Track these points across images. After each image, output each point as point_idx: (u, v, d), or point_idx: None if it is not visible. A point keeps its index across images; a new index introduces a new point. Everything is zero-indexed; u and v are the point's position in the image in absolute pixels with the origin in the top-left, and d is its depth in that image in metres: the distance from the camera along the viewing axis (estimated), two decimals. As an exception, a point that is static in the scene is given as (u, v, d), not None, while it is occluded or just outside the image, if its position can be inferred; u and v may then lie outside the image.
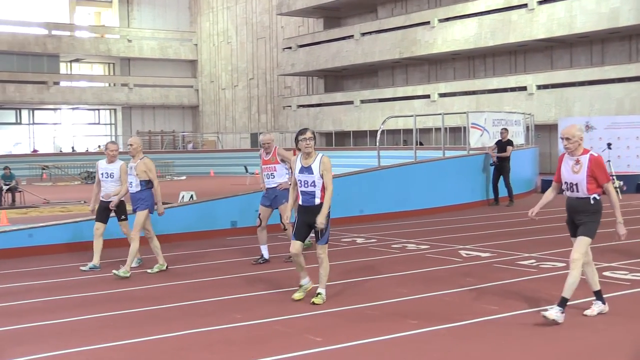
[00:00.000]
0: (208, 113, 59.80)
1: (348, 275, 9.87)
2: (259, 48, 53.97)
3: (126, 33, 58.09)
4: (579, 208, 7.22)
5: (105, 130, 60.47)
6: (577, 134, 7.18)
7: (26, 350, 6.55)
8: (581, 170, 7.14)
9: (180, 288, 9.35)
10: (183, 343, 6.72)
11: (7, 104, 53.55)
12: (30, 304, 8.65)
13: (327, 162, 8.06)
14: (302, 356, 6.22)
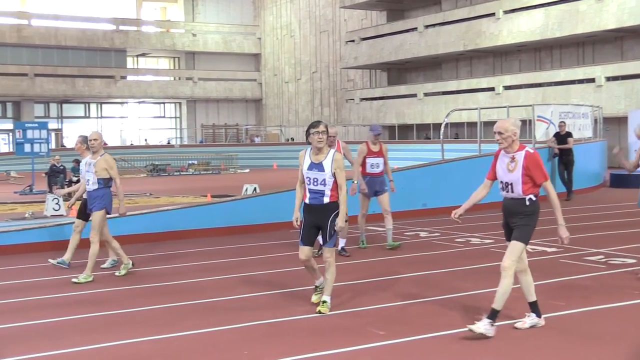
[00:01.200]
0: (271, 106, 60.16)
1: (411, 268, 9.81)
2: (322, 41, 54.01)
3: (191, 27, 58.82)
4: (514, 210, 6.57)
5: (170, 123, 61.38)
6: (510, 128, 6.48)
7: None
8: (516, 169, 6.49)
9: (233, 281, 9.42)
10: (242, 335, 6.78)
11: (76, 98, 54.83)
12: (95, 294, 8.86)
13: (340, 160, 7.43)
14: (365, 349, 6.19)
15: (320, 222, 7.46)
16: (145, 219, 13.31)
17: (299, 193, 7.67)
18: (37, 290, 9.13)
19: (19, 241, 12.16)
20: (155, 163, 42.08)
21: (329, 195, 7.40)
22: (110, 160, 9.82)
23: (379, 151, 11.27)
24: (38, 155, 28.64)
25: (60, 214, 17.61)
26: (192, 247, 12.35)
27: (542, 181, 6.50)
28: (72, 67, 53.72)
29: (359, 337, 6.53)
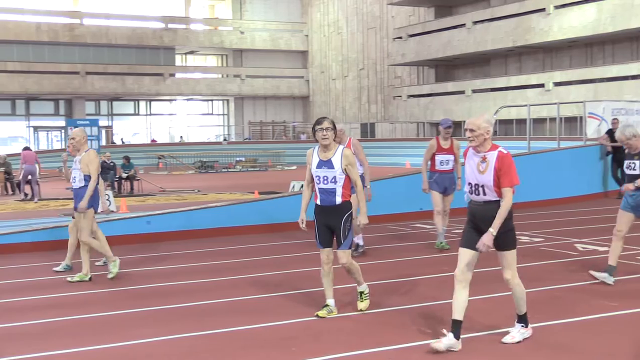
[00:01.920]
0: (318, 103, 60.21)
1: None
2: (369, 38, 53.85)
3: (239, 25, 59.16)
4: (487, 214, 6.04)
5: (218, 120, 61.85)
6: (483, 126, 6.00)
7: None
8: (487, 170, 6.01)
9: (293, 276, 9.43)
10: (290, 331, 6.78)
11: (126, 95, 55.58)
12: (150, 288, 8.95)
13: (350, 155, 7.08)
14: (416, 347, 6.16)
15: (332, 224, 7.13)
16: (190, 216, 13.40)
17: (306, 193, 7.35)
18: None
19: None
20: (203, 160, 42.49)
21: (341, 195, 7.06)
22: (92, 155, 9.50)
23: (449, 147, 11.02)
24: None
25: (111, 210, 17.85)
26: (236, 243, 12.41)
27: (505, 185, 5.95)
28: (122, 65, 54.45)
29: (412, 335, 6.50)
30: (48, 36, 51.94)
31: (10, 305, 8.27)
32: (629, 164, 8.58)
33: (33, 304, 8.34)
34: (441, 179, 11.06)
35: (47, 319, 7.49)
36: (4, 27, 50.41)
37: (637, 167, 8.47)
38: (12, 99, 53.56)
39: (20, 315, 7.71)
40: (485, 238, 6.01)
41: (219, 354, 6.20)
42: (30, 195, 23.42)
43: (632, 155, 8.56)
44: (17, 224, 14.96)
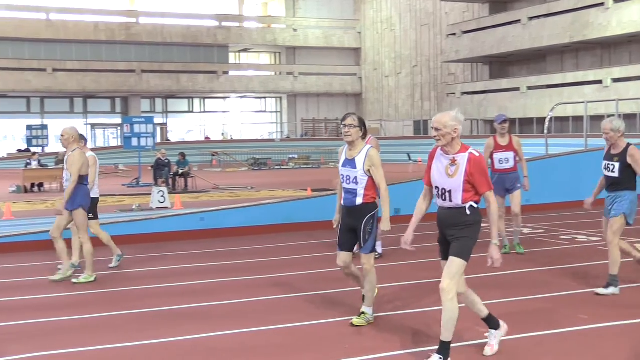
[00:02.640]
0: (371, 101, 60.05)
1: (514, 265, 9.58)
2: (422, 35, 53.50)
3: (292, 23, 59.34)
4: (451, 221, 5.55)
5: (271, 118, 62.13)
6: (450, 124, 5.46)
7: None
8: (457, 174, 5.49)
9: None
10: (338, 329, 6.76)
11: (180, 93, 56.22)
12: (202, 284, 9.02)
13: (375, 156, 6.69)
14: (473, 345, 6.10)
15: (355, 225, 6.79)
16: (244, 213, 13.48)
17: (340, 192, 6.99)
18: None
19: (127, 232, 12.52)
20: (256, 157, 42.73)
21: (362, 195, 6.71)
22: (75, 155, 9.20)
23: (507, 144, 10.36)
24: (144, 149, 29.43)
25: (165, 207, 18.08)
26: (290, 240, 12.42)
27: (485, 190, 5.49)
28: (177, 63, 55.09)
29: (469, 333, 6.41)
30: (105, 35, 52.85)
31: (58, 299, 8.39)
32: (607, 165, 7.96)
33: (79, 299, 8.41)
34: (501, 180, 10.38)
35: (107, 313, 7.60)
36: (64, 27, 51.47)
37: (616, 170, 7.84)
38: (70, 97, 54.66)
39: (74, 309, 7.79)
40: (492, 252, 5.54)
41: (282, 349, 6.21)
42: None
43: (611, 155, 7.92)
44: None
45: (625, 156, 7.77)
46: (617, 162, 7.81)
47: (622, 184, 7.84)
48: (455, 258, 5.47)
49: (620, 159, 7.80)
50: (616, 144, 7.86)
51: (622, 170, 7.79)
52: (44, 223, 14.30)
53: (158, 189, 19.14)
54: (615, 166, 7.83)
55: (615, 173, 7.84)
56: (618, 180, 7.85)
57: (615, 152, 7.87)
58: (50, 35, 51.21)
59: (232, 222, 13.14)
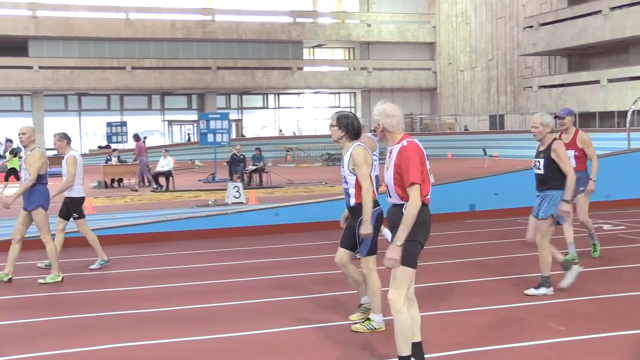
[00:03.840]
0: (446, 95, 59.39)
1: (594, 262, 9.33)
2: (498, 28, 52.58)
3: (366, 17, 59.11)
4: (396, 220, 5.07)
5: (345, 113, 61.90)
6: (375, 118, 5.18)
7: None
8: (390, 166, 5.11)
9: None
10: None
11: (255, 89, 56.67)
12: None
13: (357, 155, 6.38)
14: (543, 345, 5.97)
15: (353, 225, 6.56)
16: (317, 208, 13.46)
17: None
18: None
19: (203, 227, 12.65)
20: (330, 152, 42.71)
21: (355, 195, 6.48)
22: (34, 155, 8.96)
23: (570, 142, 9.35)
24: (220, 144, 29.66)
25: (240, 202, 18.23)
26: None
27: (407, 183, 4.95)
28: (252, 59, 55.52)
29: (537, 331, 6.30)
30: (182, 33, 53.69)
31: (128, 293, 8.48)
32: (535, 162, 7.70)
33: (158, 292, 8.46)
34: None
35: (170, 307, 7.64)
36: (142, 25, 52.51)
37: (542, 166, 7.57)
38: (148, 94, 55.75)
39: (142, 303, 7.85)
40: (388, 251, 4.91)
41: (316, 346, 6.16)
42: (165, 186, 24.18)
43: (538, 152, 7.67)
44: (153, 214, 15.40)
45: (549, 152, 7.54)
46: (543, 159, 7.58)
47: (548, 182, 7.56)
48: (400, 267, 4.96)
49: (545, 155, 7.57)
50: (544, 139, 7.62)
51: (547, 166, 7.53)
52: (123, 217, 14.73)
53: (233, 184, 19.27)
54: (541, 162, 7.59)
55: (541, 170, 7.59)
56: (544, 178, 7.59)
57: (541, 149, 7.64)
58: (129, 34, 52.33)
59: (307, 217, 13.14)
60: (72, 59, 51.05)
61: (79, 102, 54.94)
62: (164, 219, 12.98)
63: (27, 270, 9.80)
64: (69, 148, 9.79)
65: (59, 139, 9.77)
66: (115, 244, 11.56)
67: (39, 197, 9.07)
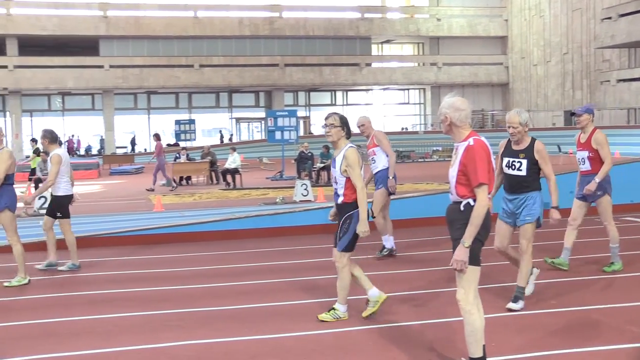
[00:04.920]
0: (518, 90, 57.90)
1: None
2: (574, 20, 50.88)
3: (435, 12, 58.09)
4: (451, 216, 5.10)
5: (414, 109, 61.25)
6: (442, 111, 5.08)
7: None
8: (455, 163, 5.03)
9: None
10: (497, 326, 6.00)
11: (323, 86, 56.31)
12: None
13: (351, 156, 6.62)
14: (620, 350, 5.72)
15: (339, 223, 6.85)
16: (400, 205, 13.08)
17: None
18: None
19: (271, 225, 12.56)
20: (399, 149, 42.11)
21: (343, 195, 6.73)
22: (4, 155, 8.82)
23: (585, 142, 8.64)
24: (288, 142, 29.50)
25: (308, 200, 17.81)
26: (434, 234, 11.71)
27: (475, 183, 4.89)
28: (320, 56, 55.18)
29: (617, 335, 6.08)
30: (250, 30, 53.69)
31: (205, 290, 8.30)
32: (512, 162, 7.12)
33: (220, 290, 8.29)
34: (580, 183, 8.82)
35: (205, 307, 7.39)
36: (210, 23, 52.73)
37: (523, 167, 7.04)
38: (216, 91, 56.00)
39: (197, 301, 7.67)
40: (456, 252, 4.91)
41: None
42: (233, 184, 24.11)
43: (515, 151, 7.12)
44: (221, 212, 15.34)
45: (532, 152, 7.08)
46: (525, 159, 7.06)
47: (529, 184, 7.08)
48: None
49: (527, 156, 7.08)
50: (522, 139, 7.16)
51: (530, 168, 7.06)
52: (192, 215, 14.83)
53: (301, 181, 19.04)
54: (523, 163, 7.07)
55: (522, 171, 7.07)
56: (525, 180, 7.07)
57: (519, 148, 7.14)
58: (197, 32, 52.60)
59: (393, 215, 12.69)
60: (141, 58, 51.60)
61: (148, 100, 55.53)
62: (232, 217, 12.97)
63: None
64: (54, 146, 9.74)
65: (43, 137, 9.77)
66: (185, 242, 11.77)
67: (5, 198, 8.91)
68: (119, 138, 53.84)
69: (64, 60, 50.25)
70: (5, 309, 7.78)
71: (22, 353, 6.11)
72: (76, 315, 7.33)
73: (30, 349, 6.22)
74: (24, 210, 17.10)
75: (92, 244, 11.67)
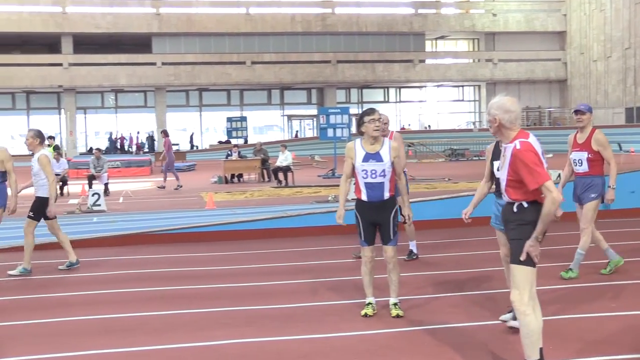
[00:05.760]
0: (577, 87, 56.37)
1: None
2: (637, 14, 49.17)
3: (491, 7, 56.88)
4: (505, 217, 5.04)
5: (469, 107, 60.25)
6: (492, 112, 4.96)
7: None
8: (504, 166, 4.95)
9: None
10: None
11: (376, 83, 55.67)
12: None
13: (397, 148, 6.90)
14: None
15: (380, 220, 6.90)
16: (443, 204, 12.91)
17: (345, 188, 7.15)
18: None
19: (322, 224, 12.36)
20: (453, 147, 41.43)
21: (389, 189, 6.86)
22: (4, 152, 9.07)
23: (584, 142, 8.23)
24: (340, 139, 29.30)
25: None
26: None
27: (532, 187, 4.78)
28: (372, 52, 54.53)
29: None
30: (302, 27, 53.30)
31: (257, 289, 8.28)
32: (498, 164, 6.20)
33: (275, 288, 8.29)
34: (575, 185, 8.48)
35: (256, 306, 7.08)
36: (261, 19, 52.50)
37: None
38: (268, 88, 55.79)
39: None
40: (530, 248, 4.80)
41: None
42: (284, 182, 23.97)
43: (500, 153, 6.08)
44: (273, 210, 15.35)
45: None
46: None
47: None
48: (514, 266, 4.88)
49: None
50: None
51: None
52: (244, 213, 14.97)
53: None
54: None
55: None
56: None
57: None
58: (249, 28, 52.40)
59: (429, 215, 12.47)
60: (193, 55, 51.61)
61: (200, 97, 55.61)
62: (284, 215, 12.93)
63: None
64: (41, 147, 9.62)
65: (33, 137, 9.58)
66: (236, 239, 11.86)
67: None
68: (170, 135, 53.94)
69: (117, 57, 50.60)
70: (64, 304, 7.85)
71: (79, 348, 6.15)
72: (129, 311, 7.41)
73: (83, 345, 6.24)
74: (78, 207, 17.09)
75: (145, 241, 11.86)
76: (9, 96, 52.75)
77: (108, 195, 21.04)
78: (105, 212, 16.94)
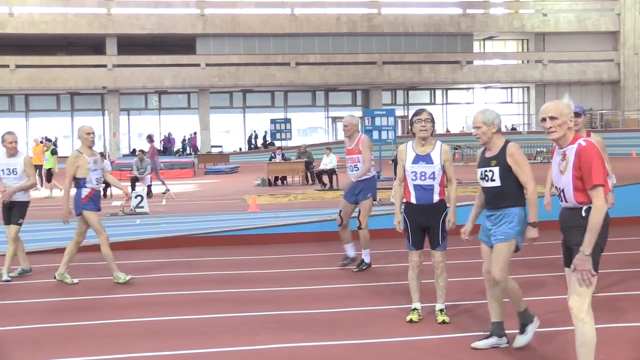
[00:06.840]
0: (631, 89, 54.74)
1: None
2: (694, 12, 47.56)
3: (541, 7, 55.54)
4: (567, 223, 4.90)
5: (517, 109, 59.02)
6: (566, 112, 4.83)
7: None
8: (567, 170, 4.81)
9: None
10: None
11: (422, 84, 54.79)
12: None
13: (448, 152, 6.84)
14: None
15: (429, 224, 6.84)
16: None
17: (400, 192, 7.08)
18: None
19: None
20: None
21: (439, 192, 6.80)
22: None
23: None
24: (385, 142, 29.00)
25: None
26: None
27: (589, 186, 4.69)
28: (419, 53, 53.62)
29: None
30: (347, 27, 52.63)
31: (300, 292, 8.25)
32: (484, 173, 6.03)
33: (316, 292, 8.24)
34: None
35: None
36: (306, 20, 51.93)
37: (496, 177, 5.91)
38: (312, 90, 55.25)
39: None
40: (577, 262, 4.69)
41: None
42: (329, 185, 23.58)
43: (487, 159, 6.02)
44: (317, 213, 15.24)
45: (504, 157, 5.95)
46: (496, 167, 5.95)
47: (508, 196, 5.93)
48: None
49: (499, 162, 5.96)
50: (491, 142, 6.04)
51: (504, 176, 5.93)
52: (287, 216, 15.08)
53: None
54: (495, 172, 5.96)
55: (496, 181, 5.96)
56: (501, 192, 5.94)
57: (491, 155, 6.04)
58: (294, 29, 51.88)
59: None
60: (237, 56, 51.29)
61: (244, 98, 55.28)
62: (328, 219, 12.71)
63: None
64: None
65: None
66: (280, 243, 11.93)
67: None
68: (214, 137, 53.73)
69: (161, 59, 50.54)
70: (111, 307, 7.96)
71: (122, 351, 6.23)
72: (175, 314, 7.44)
73: (131, 347, 6.32)
74: (121, 209, 16.84)
75: (189, 243, 11.93)
76: (54, 97, 53.00)
77: (150, 198, 20.73)
78: (148, 214, 17.06)
